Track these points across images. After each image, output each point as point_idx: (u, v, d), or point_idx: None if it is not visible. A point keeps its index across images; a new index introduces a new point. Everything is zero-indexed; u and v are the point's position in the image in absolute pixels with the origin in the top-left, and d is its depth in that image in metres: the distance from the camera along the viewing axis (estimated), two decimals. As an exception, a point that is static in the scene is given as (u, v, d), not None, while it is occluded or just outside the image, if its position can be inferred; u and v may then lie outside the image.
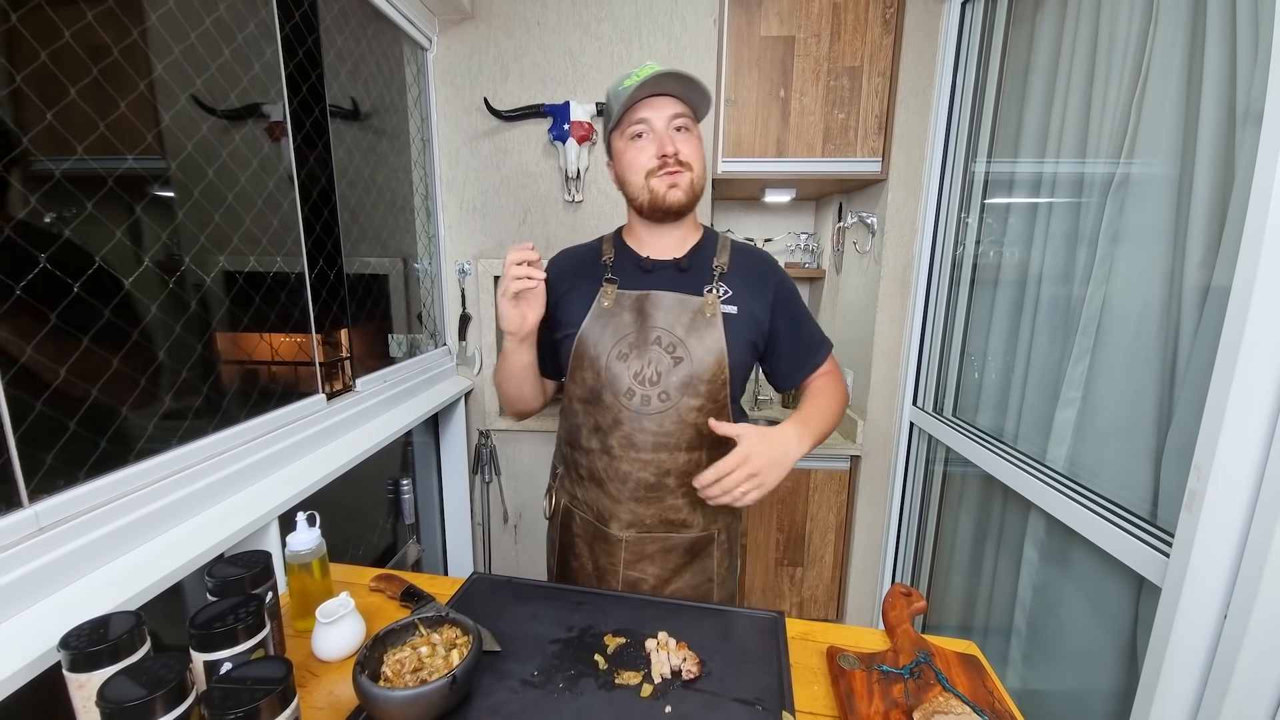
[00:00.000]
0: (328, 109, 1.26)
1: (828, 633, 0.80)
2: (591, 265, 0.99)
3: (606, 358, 0.92)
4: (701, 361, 0.90)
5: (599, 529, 0.97)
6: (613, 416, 0.92)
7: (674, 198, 0.89)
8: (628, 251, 0.98)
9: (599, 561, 0.98)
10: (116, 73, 0.83)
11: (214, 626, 0.59)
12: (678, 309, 0.92)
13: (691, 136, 0.91)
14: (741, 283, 0.96)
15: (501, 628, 0.77)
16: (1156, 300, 1.03)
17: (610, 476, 0.94)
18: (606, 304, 0.94)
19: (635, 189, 0.91)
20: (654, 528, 0.95)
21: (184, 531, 0.85)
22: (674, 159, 0.88)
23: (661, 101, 0.88)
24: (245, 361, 1.08)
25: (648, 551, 0.96)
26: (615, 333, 0.92)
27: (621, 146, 0.92)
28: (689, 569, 0.98)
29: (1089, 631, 1.15)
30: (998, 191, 1.53)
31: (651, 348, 0.91)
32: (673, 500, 0.95)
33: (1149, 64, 1.05)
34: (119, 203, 0.85)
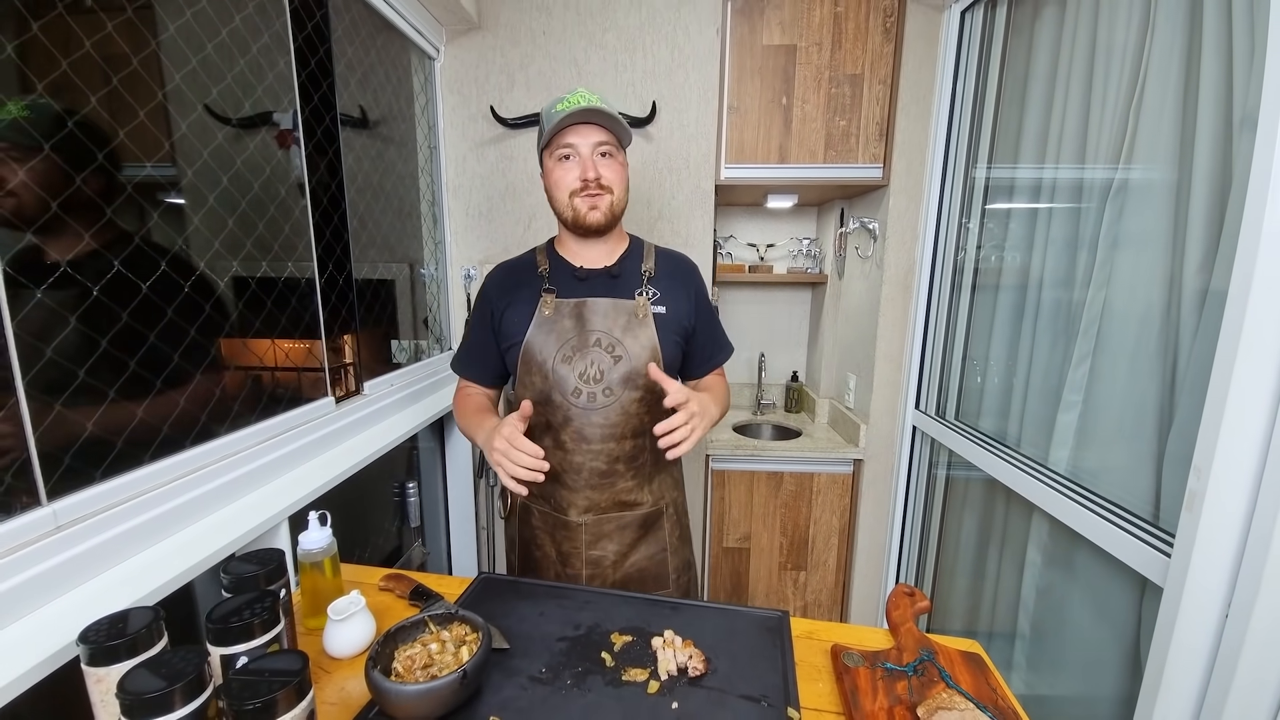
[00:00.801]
0: (338, 117, 1.29)
1: (832, 631, 0.81)
2: (529, 277, 1.07)
3: (552, 361, 1.00)
4: (639, 357, 1.00)
5: (557, 518, 1.05)
6: (563, 414, 1.00)
7: (593, 218, 1.00)
8: (561, 262, 1.07)
9: (561, 547, 1.06)
10: (134, 82, 0.86)
11: (230, 621, 0.60)
12: (613, 312, 1.02)
13: (614, 162, 1.01)
14: (668, 285, 1.07)
15: (509, 626, 0.78)
16: (1156, 304, 1.04)
17: (565, 469, 1.02)
18: (547, 313, 1.02)
19: (560, 206, 1.02)
20: (608, 509, 1.05)
21: (197, 531, 0.86)
22: (595, 183, 0.98)
23: (588, 129, 0.97)
24: (255, 368, 1.09)
25: (605, 531, 1.05)
26: (558, 338, 1.01)
27: (550, 165, 1.01)
28: (644, 542, 1.08)
29: (1093, 634, 1.16)
30: (998, 197, 1.55)
31: (593, 349, 1.00)
32: (623, 483, 1.04)
33: (1146, 70, 1.07)
34: (133, 208, 0.87)
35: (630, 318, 1.02)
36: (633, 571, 1.08)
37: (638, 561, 1.08)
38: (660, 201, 1.81)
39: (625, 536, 1.06)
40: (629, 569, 1.07)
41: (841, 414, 2.10)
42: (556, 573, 1.08)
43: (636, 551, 1.08)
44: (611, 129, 0.99)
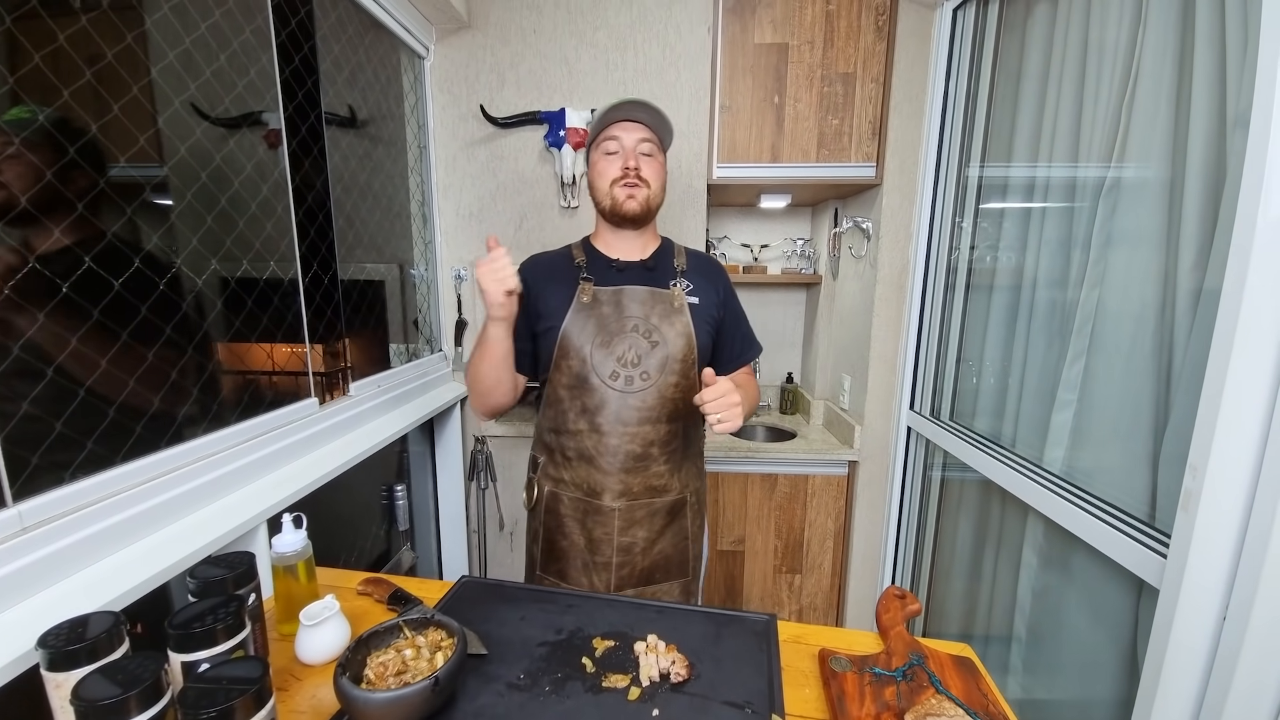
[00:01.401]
0: (323, 115, 1.27)
1: (820, 635, 0.79)
2: (565, 268, 1.10)
3: (590, 346, 1.03)
4: (675, 344, 1.04)
5: (590, 503, 1.06)
6: (600, 397, 1.03)
7: (629, 206, 1.04)
8: (598, 254, 1.11)
9: (593, 534, 1.06)
10: (112, 78, 0.84)
11: (192, 627, 0.58)
12: (650, 300, 1.06)
13: (654, 161, 1.06)
14: (698, 280, 1.12)
15: (489, 631, 0.76)
16: (1151, 302, 1.03)
17: (601, 452, 1.04)
18: (585, 299, 1.05)
19: (601, 194, 1.07)
20: (640, 495, 1.06)
21: (171, 533, 0.84)
22: (634, 173, 1.03)
23: (633, 127, 1.04)
24: (241, 371, 1.08)
25: (637, 517, 1.06)
26: (597, 324, 1.03)
27: (596, 158, 1.08)
28: (670, 529, 1.10)
29: (1089, 636, 1.14)
30: (991, 196, 1.53)
31: (630, 334, 1.04)
32: (656, 468, 1.06)
33: (1138, 68, 1.05)
34: (113, 207, 0.85)
35: (667, 306, 1.06)
36: (659, 559, 1.09)
37: (664, 549, 1.09)
38: (652, 201, 1.80)
39: (654, 523, 1.08)
40: (656, 556, 1.08)
41: (836, 415, 2.08)
42: (585, 561, 1.06)
43: (663, 539, 1.09)
44: (654, 129, 1.05)
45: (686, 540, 1.12)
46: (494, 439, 1.95)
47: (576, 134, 1.70)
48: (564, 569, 1.08)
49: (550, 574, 1.09)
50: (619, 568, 1.05)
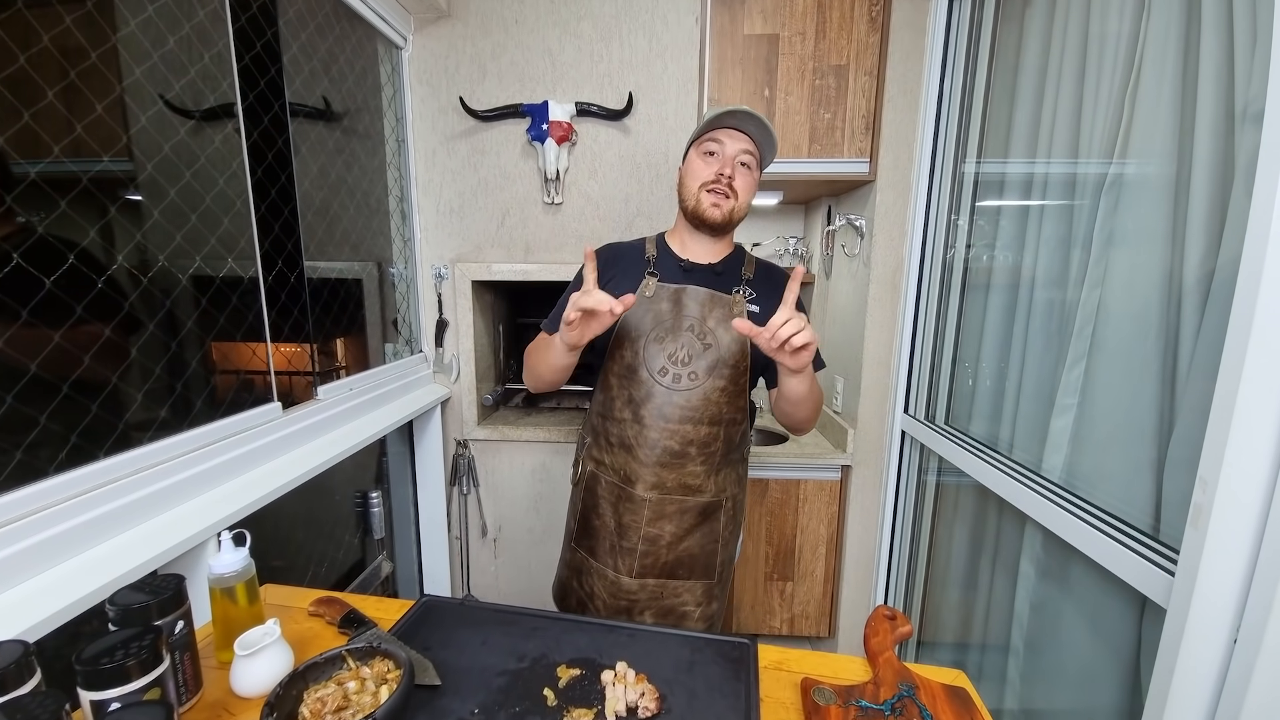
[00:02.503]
0: (288, 105, 1.21)
1: (804, 662, 0.73)
2: (635, 259, 1.11)
3: (645, 339, 1.04)
4: (728, 349, 1.04)
5: (624, 490, 1.08)
6: (646, 390, 1.04)
7: (713, 214, 1.03)
8: (669, 252, 1.12)
9: (622, 519, 1.08)
10: (44, 60, 0.78)
11: (102, 662, 0.52)
12: (710, 303, 1.06)
13: (749, 175, 1.05)
14: (764, 289, 1.10)
15: (446, 658, 0.71)
16: (1154, 303, 0.98)
17: (640, 443, 1.05)
18: (648, 293, 1.06)
19: (687, 194, 1.06)
20: (673, 490, 1.06)
21: (107, 550, 0.78)
22: (727, 181, 1.02)
23: (739, 136, 1.03)
24: (216, 372, 1.02)
25: (667, 511, 1.07)
26: (654, 319, 1.05)
27: (693, 156, 1.06)
28: (699, 529, 1.10)
29: (1089, 652, 1.09)
30: (988, 193, 1.48)
31: (685, 334, 1.04)
32: (692, 467, 1.06)
33: (1141, 59, 1.00)
34: (43, 197, 0.79)
35: (725, 310, 1.06)
36: (684, 556, 1.09)
37: (690, 547, 1.09)
38: (639, 197, 1.74)
39: (684, 521, 1.08)
40: (681, 553, 1.09)
41: (829, 418, 2.03)
42: (613, 544, 1.09)
43: (691, 537, 1.09)
44: (759, 143, 1.04)
45: (716, 544, 1.12)
46: (476, 443, 1.90)
47: (560, 128, 1.64)
48: (594, 546, 1.12)
49: (583, 548, 1.14)
50: (643, 555, 1.07)
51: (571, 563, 1.16)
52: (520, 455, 1.89)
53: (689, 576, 1.10)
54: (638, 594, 1.08)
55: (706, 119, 1.03)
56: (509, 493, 1.93)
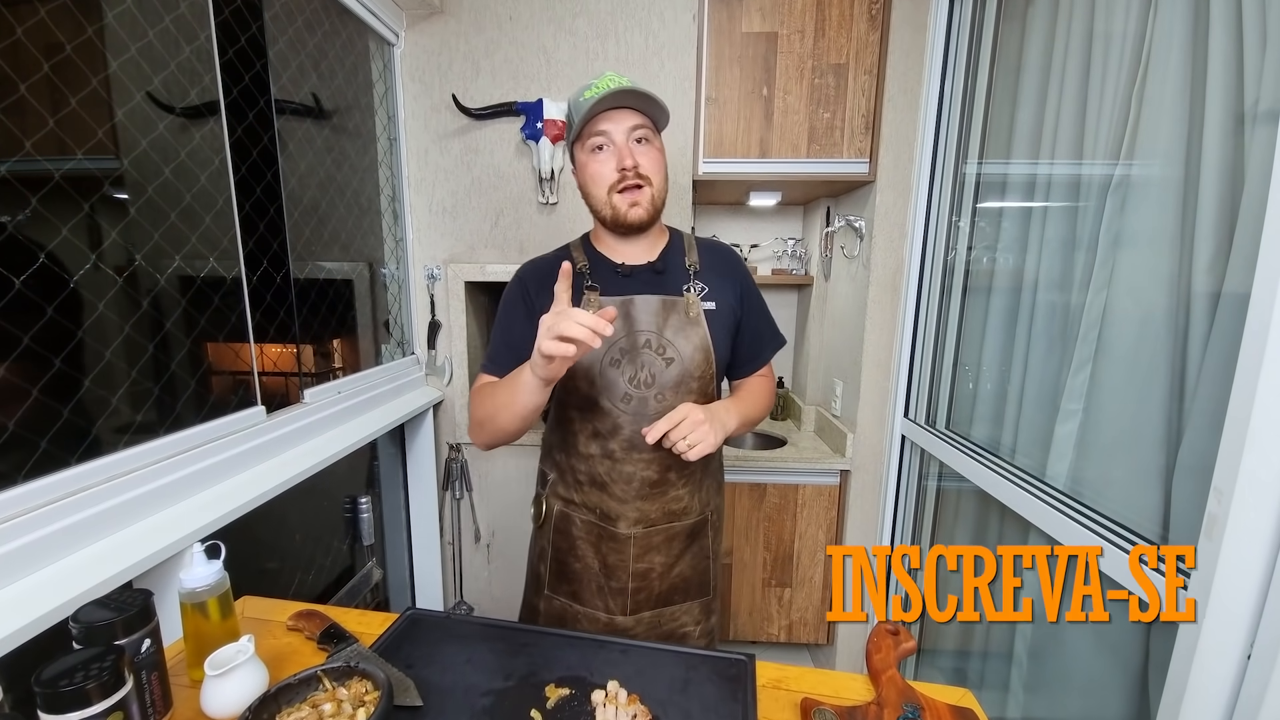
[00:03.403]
0: (273, 101, 1.18)
1: (803, 680, 0.70)
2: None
3: (600, 365, 0.93)
4: (691, 359, 0.94)
5: (604, 529, 0.98)
6: (612, 422, 0.94)
7: (635, 215, 0.92)
8: (601, 259, 0.99)
9: (607, 560, 0.99)
10: (16, 53, 0.75)
11: (60, 684, 0.49)
12: (662, 311, 0.95)
13: (652, 148, 0.92)
14: (714, 279, 1.00)
15: (429, 677, 0.67)
16: (1162, 306, 0.96)
17: (614, 479, 0.96)
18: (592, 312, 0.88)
19: (599, 203, 0.93)
20: (658, 520, 0.98)
21: (76, 562, 0.75)
22: (633, 172, 0.89)
23: (621, 114, 0.89)
24: (200, 374, 0.98)
25: (654, 543, 0.99)
26: (605, 340, 0.87)
27: (584, 159, 0.93)
28: (689, 551, 1.03)
29: (1095, 663, 1.06)
30: (990, 194, 1.46)
31: (643, 351, 0.94)
32: (675, 492, 0.98)
33: (1148, 58, 0.98)
34: (10, 192, 0.76)
35: (681, 317, 0.95)
36: (678, 581, 1.02)
37: (682, 571, 1.03)
38: (635, 198, 1.71)
39: (673, 548, 1.01)
40: (674, 579, 1.02)
41: (828, 422, 2.00)
42: (599, 585, 1.00)
43: (682, 561, 1.02)
44: (646, 111, 0.90)
45: (708, 560, 1.05)
46: (470, 447, 1.86)
47: (555, 126, 1.61)
48: (577, 591, 1.02)
49: (561, 595, 1.03)
50: (635, 593, 0.99)
51: (549, 612, 1.04)
52: (514, 459, 1.86)
53: (685, 599, 1.04)
54: (634, 629, 1.00)
55: (579, 111, 0.88)
56: (503, 497, 1.89)
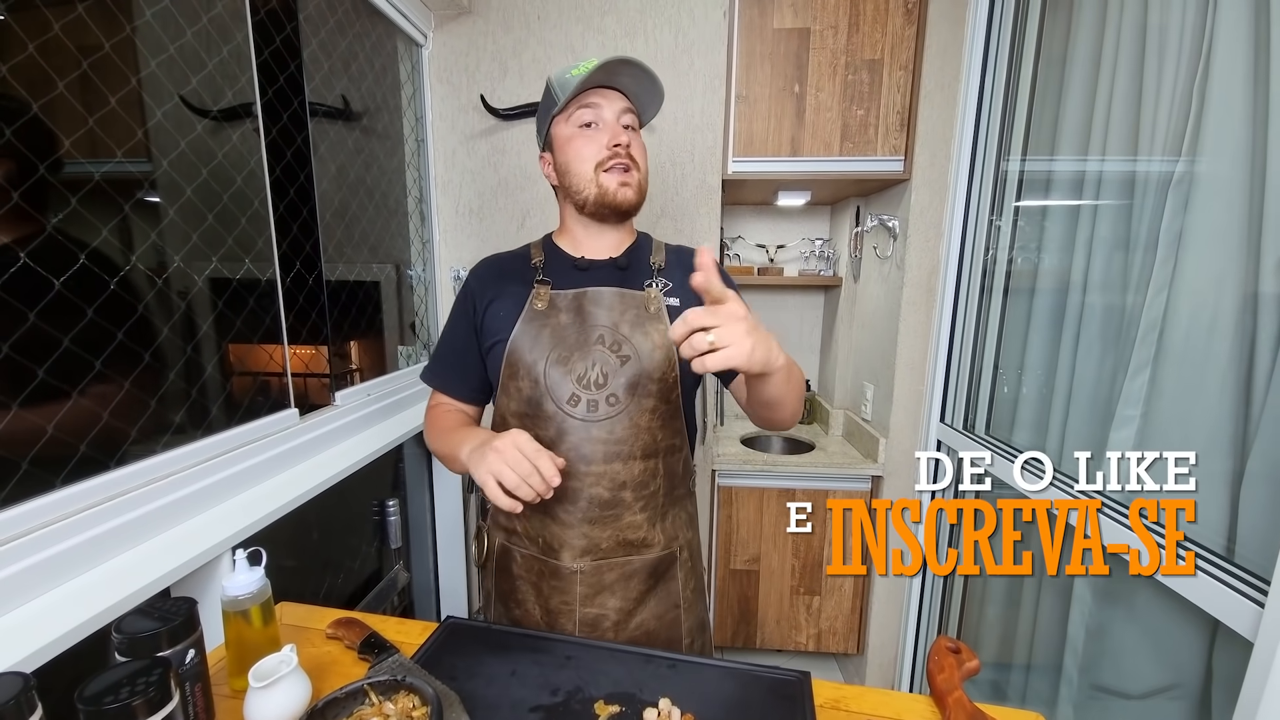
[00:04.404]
0: (307, 103, 1.17)
1: (863, 700, 0.67)
2: (520, 269, 0.91)
3: (544, 363, 0.83)
4: (650, 358, 0.84)
5: (546, 564, 0.86)
6: (556, 428, 0.83)
7: (624, 195, 0.85)
8: (560, 254, 0.92)
9: (549, 603, 0.86)
10: (55, 50, 0.74)
11: (105, 701, 0.48)
12: (619, 305, 0.86)
13: (639, 138, 0.87)
14: (681, 276, 0.90)
15: (474, 690, 0.65)
16: (1227, 307, 0.91)
17: (558, 497, 0.81)
18: (540, 306, 0.86)
19: (581, 181, 0.85)
20: (611, 552, 0.85)
21: (114, 568, 0.74)
22: (625, 150, 0.83)
23: (612, 94, 0.85)
24: (233, 374, 0.98)
25: (606, 582, 0.85)
26: (552, 335, 0.84)
27: (568, 134, 0.85)
28: (653, 596, 0.88)
29: (1152, 681, 1.01)
30: (1034, 192, 1.41)
31: (594, 348, 0.84)
32: (630, 517, 0.85)
33: (1210, 51, 0.94)
34: (58, 198, 0.75)
35: (640, 311, 0.85)
36: (639, 635, 0.87)
37: (644, 622, 0.88)
38: (663, 197, 1.69)
39: (630, 589, 0.86)
40: (634, 631, 0.87)
41: (858, 426, 1.96)
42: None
43: (644, 608, 0.88)
44: (636, 98, 0.86)
45: (678, 610, 0.90)
46: (494, 449, 1.85)
47: (583, 126, 1.59)
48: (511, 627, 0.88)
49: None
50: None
51: None
52: (539, 462, 1.84)
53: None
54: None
55: (569, 82, 0.82)
56: (527, 501, 1.87)
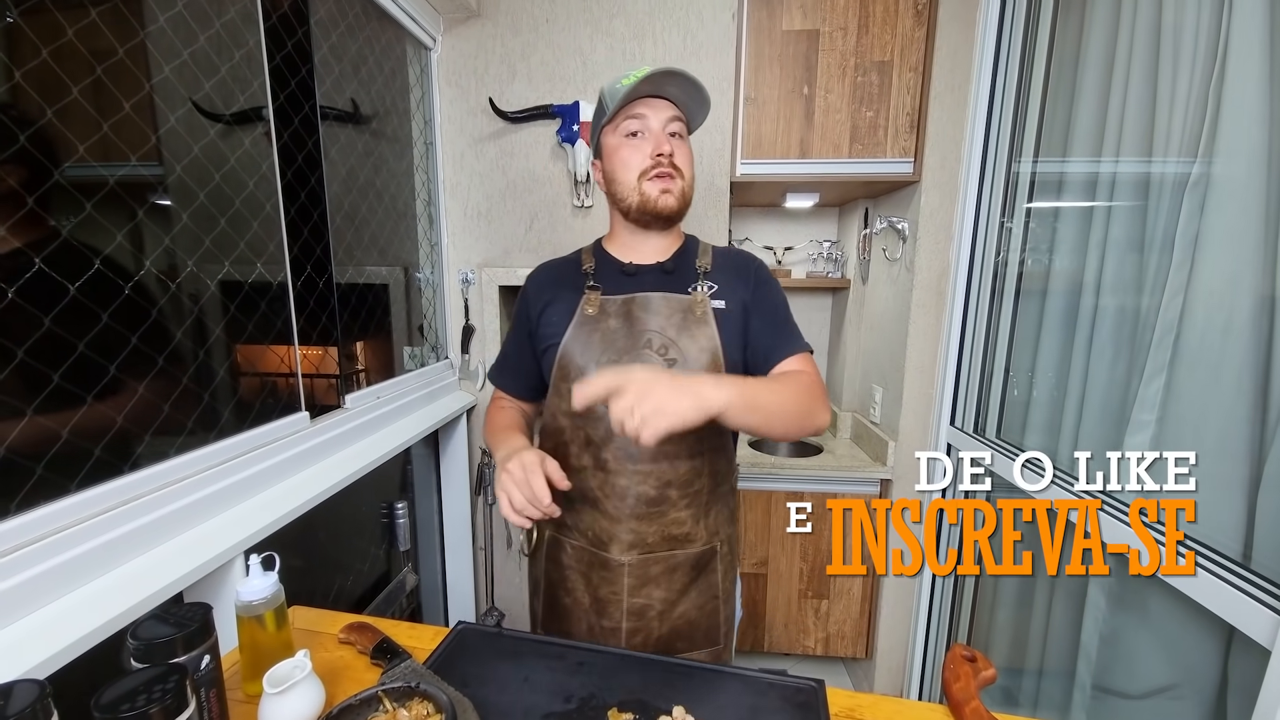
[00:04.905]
0: (318, 107, 1.18)
1: (878, 709, 0.67)
2: (572, 275, 0.95)
3: (594, 367, 0.87)
4: (697, 361, 0.87)
5: (596, 555, 0.90)
6: (605, 428, 0.86)
7: (665, 203, 0.87)
8: (608, 258, 0.95)
9: (598, 592, 0.90)
10: (69, 56, 0.75)
11: (122, 708, 0.48)
12: (667, 309, 0.89)
13: (685, 145, 0.90)
14: (726, 278, 0.93)
15: (486, 696, 0.65)
16: (1246, 310, 0.90)
17: (607, 494, 0.87)
18: (591, 311, 0.90)
19: (626, 189, 0.88)
20: (657, 546, 0.89)
21: (127, 573, 0.74)
22: (668, 159, 0.86)
23: (659, 103, 0.87)
24: (233, 377, 0.98)
25: (652, 574, 0.89)
26: (602, 340, 0.88)
27: (615, 143, 0.89)
28: (694, 587, 0.93)
29: (1166, 687, 1.00)
30: (1045, 194, 1.40)
31: (643, 352, 0.87)
32: (676, 514, 0.89)
33: (1226, 52, 0.93)
34: (71, 202, 0.76)
35: (686, 315, 0.88)
36: (681, 624, 0.91)
37: (686, 612, 0.92)
38: (671, 200, 1.68)
39: (674, 581, 0.90)
40: (677, 620, 0.91)
41: (866, 429, 1.95)
42: (590, 625, 0.91)
43: (686, 599, 0.91)
44: (684, 106, 0.89)
45: (716, 600, 0.94)
46: (502, 451, 1.85)
47: (591, 129, 1.59)
48: (569, 630, 0.93)
49: (553, 634, 0.96)
50: (630, 634, 0.90)
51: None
52: (547, 465, 1.84)
53: (690, 648, 0.93)
54: None
55: (617, 93, 0.84)
56: (535, 503, 1.87)
